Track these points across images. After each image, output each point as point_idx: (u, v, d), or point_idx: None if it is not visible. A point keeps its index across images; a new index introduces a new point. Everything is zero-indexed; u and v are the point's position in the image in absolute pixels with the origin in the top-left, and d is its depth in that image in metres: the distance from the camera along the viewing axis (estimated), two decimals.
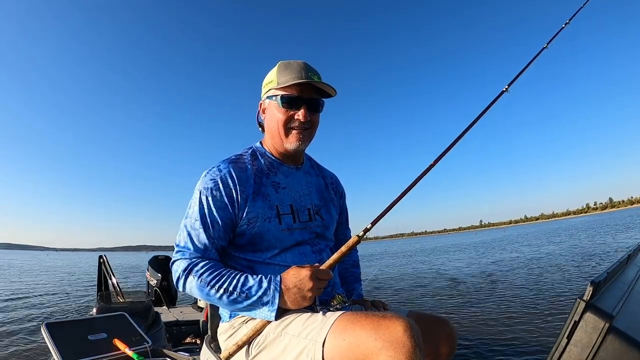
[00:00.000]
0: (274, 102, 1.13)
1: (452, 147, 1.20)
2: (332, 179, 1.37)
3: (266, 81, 1.18)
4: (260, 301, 0.96)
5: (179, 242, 1.08)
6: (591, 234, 23.27)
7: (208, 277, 0.99)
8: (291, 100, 1.10)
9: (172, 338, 3.24)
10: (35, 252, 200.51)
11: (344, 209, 1.42)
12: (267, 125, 1.19)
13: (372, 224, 1.04)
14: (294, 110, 1.11)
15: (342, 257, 1.02)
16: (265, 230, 1.08)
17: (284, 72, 1.11)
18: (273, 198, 1.12)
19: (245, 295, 0.97)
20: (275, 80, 1.12)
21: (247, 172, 1.13)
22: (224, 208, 1.07)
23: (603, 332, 0.65)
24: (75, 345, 1.71)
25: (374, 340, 0.77)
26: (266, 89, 1.17)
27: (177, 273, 1.04)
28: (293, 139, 1.13)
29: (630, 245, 7.01)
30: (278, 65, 1.14)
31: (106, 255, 3.87)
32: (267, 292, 0.96)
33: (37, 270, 22.23)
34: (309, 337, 0.88)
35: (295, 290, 0.95)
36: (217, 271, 1.01)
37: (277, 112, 1.12)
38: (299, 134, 1.13)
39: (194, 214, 1.07)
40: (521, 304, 5.65)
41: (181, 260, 1.05)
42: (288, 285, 0.96)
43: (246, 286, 0.97)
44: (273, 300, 0.96)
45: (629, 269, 1.15)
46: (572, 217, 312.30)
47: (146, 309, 2.75)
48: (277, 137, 1.15)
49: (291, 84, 1.07)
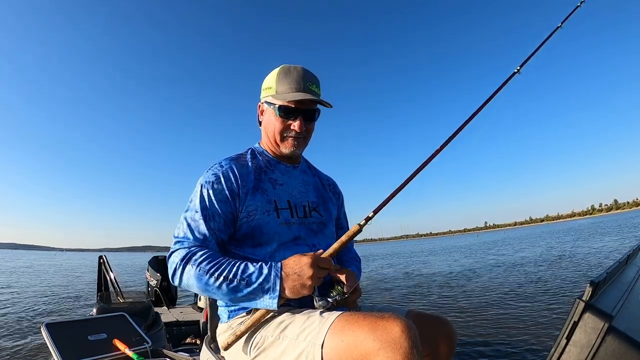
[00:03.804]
0: (271, 109, 1.16)
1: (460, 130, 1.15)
2: (329, 181, 1.39)
3: (265, 85, 1.19)
4: (261, 288, 0.94)
5: (178, 234, 1.06)
6: (594, 235, 23.28)
7: (207, 266, 0.96)
8: (288, 111, 1.13)
9: (172, 338, 3.24)
10: (41, 253, 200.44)
11: (343, 212, 1.42)
12: (265, 128, 1.23)
13: (374, 212, 1.03)
14: (290, 120, 1.14)
15: (342, 247, 1.01)
16: (264, 223, 1.09)
17: (283, 80, 1.13)
18: (271, 193, 1.15)
19: (246, 283, 0.94)
20: (274, 88, 1.15)
21: (248, 168, 1.16)
22: (225, 201, 1.08)
23: (602, 332, 0.65)
24: (75, 345, 1.71)
25: (371, 340, 0.77)
26: (265, 93, 1.19)
27: (173, 264, 1.00)
28: (288, 145, 1.18)
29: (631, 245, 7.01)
30: (278, 71, 1.16)
31: (106, 256, 3.87)
32: (268, 279, 0.94)
33: (39, 271, 22.24)
34: (308, 340, 0.87)
35: (295, 277, 0.93)
36: (216, 259, 0.98)
37: (274, 119, 1.16)
38: (293, 141, 1.17)
39: (195, 207, 1.07)
40: (521, 304, 5.66)
41: (179, 250, 1.02)
42: (288, 272, 0.94)
43: (246, 273, 0.95)
44: (274, 287, 0.93)
45: (629, 269, 1.15)
46: (577, 218, 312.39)
47: (146, 309, 2.75)
48: (274, 141, 1.19)
49: (288, 96, 1.11)
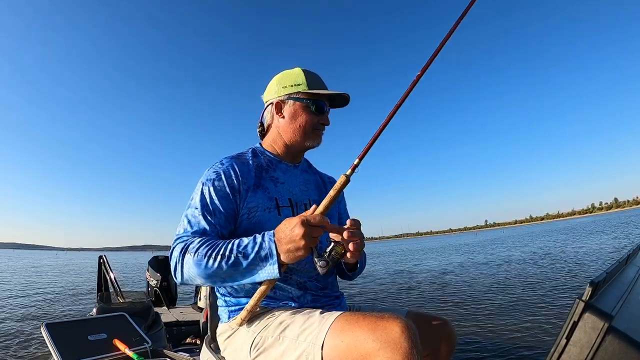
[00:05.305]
0: (303, 104, 1.19)
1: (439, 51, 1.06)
2: (331, 179, 1.39)
3: (290, 82, 1.19)
4: (258, 256, 0.92)
5: (178, 231, 1.05)
6: (594, 234, 23.28)
7: (204, 250, 0.95)
8: (321, 107, 1.20)
9: (172, 338, 3.24)
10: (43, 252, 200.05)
11: (344, 207, 1.42)
12: (286, 123, 1.20)
13: (359, 158, 1.00)
14: (323, 115, 1.21)
15: (332, 202, 0.98)
16: (265, 220, 1.09)
17: (312, 79, 1.20)
18: (272, 191, 1.15)
19: (243, 255, 0.93)
20: (304, 84, 1.18)
21: (249, 166, 1.17)
22: (226, 197, 1.08)
23: (602, 332, 0.65)
24: (75, 345, 1.71)
25: (371, 341, 0.77)
26: (291, 90, 1.19)
27: (174, 259, 0.98)
28: (316, 137, 1.22)
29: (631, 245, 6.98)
30: (303, 71, 1.21)
31: (106, 256, 3.86)
32: (263, 245, 0.92)
33: (42, 270, 22.24)
34: (308, 340, 0.87)
35: (288, 239, 0.90)
36: (213, 242, 0.97)
37: (305, 114, 1.19)
38: (320, 133, 1.23)
39: (195, 204, 1.07)
40: (520, 304, 5.65)
41: (178, 245, 1.00)
42: (280, 236, 0.91)
43: (241, 246, 0.94)
44: (271, 253, 0.91)
45: (628, 269, 1.15)
46: (577, 217, 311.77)
47: (146, 309, 2.75)
48: (299, 134, 1.20)
49: (325, 93, 1.18)
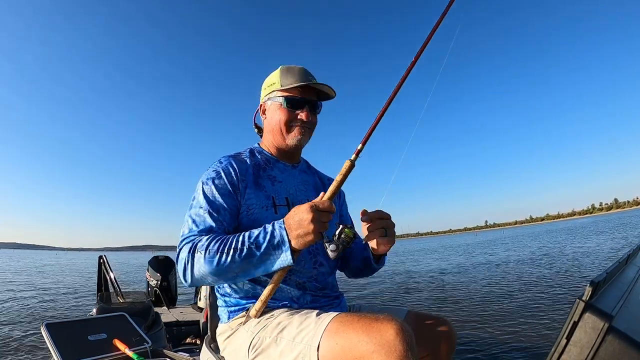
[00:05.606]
0: (276, 102, 1.17)
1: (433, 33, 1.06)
2: (330, 180, 1.36)
3: (267, 83, 1.22)
4: (271, 245, 0.93)
5: (183, 232, 1.03)
6: (593, 234, 23.27)
7: (215, 246, 0.94)
8: (294, 102, 1.16)
9: (172, 338, 3.23)
10: (43, 252, 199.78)
11: (345, 209, 1.41)
12: (268, 124, 1.23)
13: (362, 143, 0.99)
14: (297, 111, 1.16)
15: (339, 186, 0.99)
16: (262, 218, 1.09)
17: (287, 75, 1.17)
18: (269, 189, 1.16)
19: (256, 245, 0.93)
20: (278, 83, 1.17)
21: (247, 164, 1.17)
22: (228, 195, 1.08)
23: (602, 332, 0.65)
24: (75, 345, 1.71)
25: (365, 343, 0.77)
26: (268, 91, 1.21)
27: (182, 260, 0.96)
28: (295, 134, 1.18)
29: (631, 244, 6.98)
30: (280, 69, 1.19)
31: (106, 256, 3.86)
32: (274, 233, 0.93)
33: (43, 270, 22.24)
34: (304, 342, 0.87)
35: (297, 225, 0.91)
36: (223, 238, 0.97)
37: (279, 112, 1.17)
38: (300, 129, 1.18)
39: (198, 203, 1.07)
40: (520, 304, 5.66)
41: (185, 245, 0.98)
42: (290, 222, 0.93)
43: (252, 237, 0.94)
44: (283, 240, 0.92)
45: (629, 269, 1.15)
46: (577, 217, 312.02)
47: (146, 309, 2.75)
48: (279, 134, 1.19)
49: (295, 86, 1.13)
